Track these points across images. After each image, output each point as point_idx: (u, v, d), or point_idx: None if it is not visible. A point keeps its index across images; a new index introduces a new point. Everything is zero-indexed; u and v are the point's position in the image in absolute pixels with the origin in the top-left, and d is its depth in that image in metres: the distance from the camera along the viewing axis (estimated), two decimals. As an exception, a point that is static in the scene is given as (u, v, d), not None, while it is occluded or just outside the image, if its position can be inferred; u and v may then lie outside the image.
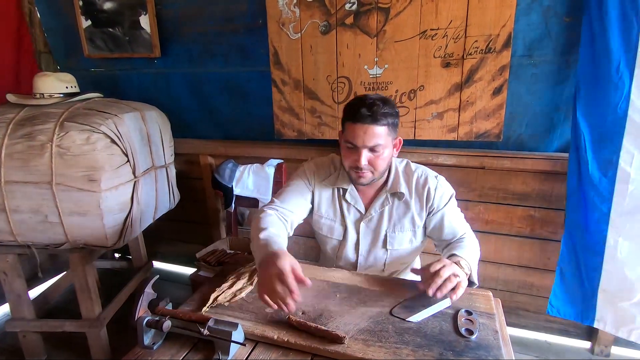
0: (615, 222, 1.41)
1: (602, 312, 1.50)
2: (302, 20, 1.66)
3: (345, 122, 1.09)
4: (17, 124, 1.49)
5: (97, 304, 1.69)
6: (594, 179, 1.42)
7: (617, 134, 1.36)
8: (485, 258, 1.85)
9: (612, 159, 1.38)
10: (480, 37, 1.47)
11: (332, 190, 1.23)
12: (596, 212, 1.44)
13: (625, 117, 1.34)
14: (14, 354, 1.80)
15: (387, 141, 1.08)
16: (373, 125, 1.03)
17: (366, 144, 1.05)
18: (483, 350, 0.79)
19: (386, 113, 1.04)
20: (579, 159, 1.46)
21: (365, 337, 0.83)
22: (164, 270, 2.54)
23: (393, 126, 1.08)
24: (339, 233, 1.25)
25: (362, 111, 1.03)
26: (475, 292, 1.01)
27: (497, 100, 1.53)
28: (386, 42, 1.58)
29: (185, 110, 2.13)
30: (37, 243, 1.56)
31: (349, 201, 1.21)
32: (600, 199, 1.42)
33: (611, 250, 1.43)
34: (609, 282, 1.46)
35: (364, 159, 1.06)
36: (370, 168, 1.09)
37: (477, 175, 1.75)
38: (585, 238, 1.49)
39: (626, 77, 1.31)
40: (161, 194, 1.87)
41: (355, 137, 1.05)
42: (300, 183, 1.23)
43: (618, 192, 1.39)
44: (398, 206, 1.19)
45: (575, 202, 1.51)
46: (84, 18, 2.05)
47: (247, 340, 0.84)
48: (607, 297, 1.47)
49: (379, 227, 1.20)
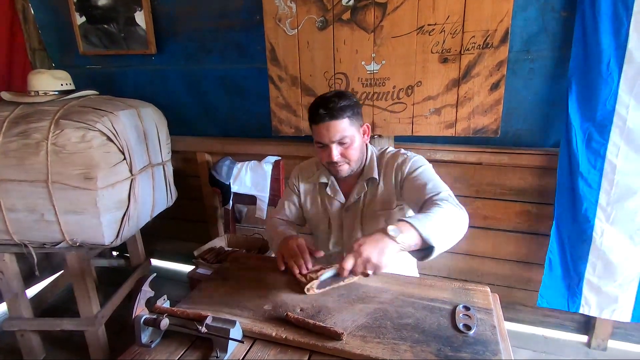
0: (603, 211, 1.50)
1: (587, 298, 1.59)
2: (299, 16, 1.64)
3: (311, 125, 1.15)
4: (11, 122, 1.48)
5: (95, 302, 1.68)
6: (583, 171, 1.49)
7: (606, 128, 1.44)
8: (483, 254, 1.86)
9: (600, 151, 1.46)
10: (478, 32, 1.47)
11: (314, 187, 1.31)
12: (585, 202, 1.52)
13: (613, 112, 1.42)
14: (12, 353, 1.80)
15: (352, 131, 1.12)
16: (333, 121, 1.08)
17: (332, 139, 1.10)
18: (481, 346, 0.79)
19: (343, 107, 1.08)
20: (569, 152, 1.52)
21: (364, 333, 0.83)
22: (162, 268, 2.53)
23: (355, 116, 1.12)
24: (324, 225, 1.30)
25: (320, 111, 1.08)
26: (473, 288, 1.01)
27: (495, 95, 1.52)
28: (383, 38, 1.57)
29: (181, 108, 2.12)
30: (33, 242, 1.55)
31: (330, 194, 1.27)
32: (589, 190, 1.50)
33: (598, 238, 1.51)
34: (595, 269, 1.55)
35: (335, 153, 1.12)
36: (345, 160, 1.14)
37: (475, 171, 1.75)
38: (574, 228, 1.57)
39: (615, 72, 1.38)
40: (158, 191, 1.86)
41: (321, 136, 1.11)
42: (289, 192, 1.35)
43: (605, 182, 1.47)
44: (372, 191, 1.23)
45: (564, 195, 1.57)
46: (79, 14, 2.04)
47: (245, 338, 0.83)
48: (592, 283, 1.56)
49: (355, 214, 1.25)
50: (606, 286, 1.54)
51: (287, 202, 1.34)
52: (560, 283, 1.63)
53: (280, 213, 1.34)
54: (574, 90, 1.47)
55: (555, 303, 1.66)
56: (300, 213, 1.35)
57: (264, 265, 1.15)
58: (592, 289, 1.57)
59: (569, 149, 1.52)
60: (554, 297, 1.65)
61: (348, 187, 1.26)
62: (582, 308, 1.60)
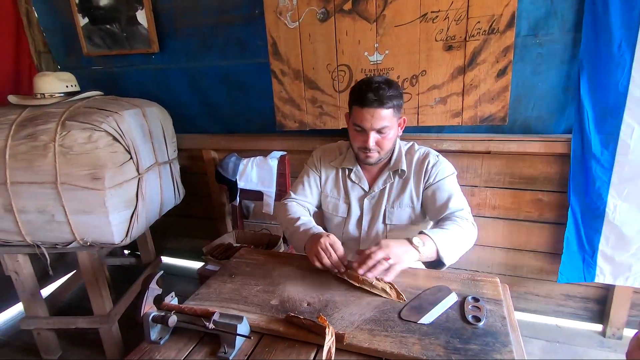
0: (615, 188, 1.51)
1: (602, 267, 1.62)
2: (300, 8, 1.62)
3: (353, 105, 1.14)
4: (19, 125, 1.50)
5: (108, 300, 1.71)
6: (596, 152, 1.49)
7: (619, 109, 1.42)
8: (493, 244, 1.83)
9: (613, 132, 1.46)
10: (483, 17, 1.43)
11: (338, 171, 1.31)
12: (597, 181, 1.52)
13: (626, 93, 1.40)
14: (29, 351, 1.85)
15: (393, 122, 1.13)
16: (380, 108, 1.08)
17: (374, 126, 1.10)
18: (491, 337, 0.78)
19: (392, 96, 1.08)
20: (582, 135, 1.52)
21: (371, 326, 0.82)
22: (173, 265, 2.56)
23: (398, 107, 1.13)
24: (343, 210, 1.30)
25: (369, 96, 1.07)
26: (483, 279, 1.00)
27: (502, 82, 1.49)
28: (386, 27, 1.55)
29: (185, 106, 2.13)
30: (45, 242, 1.58)
31: (354, 180, 1.27)
32: (602, 170, 1.51)
33: (610, 213, 1.53)
34: (607, 240, 1.57)
35: (372, 140, 1.12)
36: (377, 149, 1.15)
37: (483, 160, 1.72)
38: (587, 204, 1.58)
39: (627, 54, 1.36)
40: (166, 189, 1.88)
41: (364, 121, 1.10)
42: (310, 171, 1.33)
43: (618, 162, 1.47)
44: (399, 183, 1.24)
45: (578, 177, 1.57)
46: (81, 16, 2.04)
47: (253, 333, 0.84)
48: (607, 255, 1.59)
49: (379, 203, 1.25)
50: (620, 256, 1.57)
51: (307, 181, 1.32)
52: (576, 257, 1.65)
53: (298, 192, 1.32)
54: (586, 73, 1.46)
55: (573, 277, 1.67)
56: (319, 194, 1.34)
57: (271, 261, 1.15)
58: (606, 260, 1.60)
59: (582, 132, 1.51)
60: (571, 272, 1.67)
61: (372, 176, 1.27)
62: (597, 277, 1.62)
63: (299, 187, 1.33)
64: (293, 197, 1.32)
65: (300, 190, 1.32)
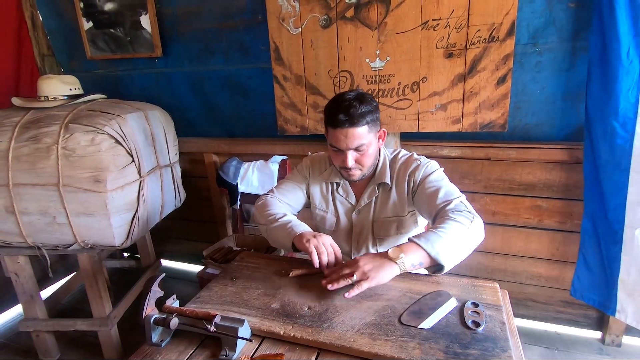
0: (631, 213, 1.40)
1: (623, 304, 1.50)
2: (302, 14, 1.64)
3: (327, 126, 1.11)
4: (23, 127, 1.51)
5: (108, 303, 1.71)
6: (608, 167, 1.41)
7: (630, 120, 1.34)
8: (492, 250, 1.84)
9: (625, 146, 1.36)
10: (483, 26, 1.45)
11: (326, 184, 1.29)
12: (612, 201, 1.43)
13: (637, 103, 1.33)
14: (27, 353, 1.84)
15: (370, 138, 1.09)
16: (352, 128, 1.05)
17: (349, 146, 1.08)
18: (490, 342, 0.79)
19: (364, 112, 1.05)
20: (592, 147, 1.45)
21: (372, 331, 0.83)
22: (172, 268, 2.56)
23: (373, 122, 1.09)
24: (331, 223, 1.29)
25: (340, 117, 1.04)
26: (482, 284, 1.00)
27: (502, 89, 1.51)
28: (387, 35, 1.57)
29: (188, 109, 2.14)
30: (46, 244, 1.58)
31: (341, 194, 1.26)
32: (615, 188, 1.41)
33: (628, 241, 1.42)
34: (628, 272, 1.45)
35: (350, 160, 1.10)
36: (358, 166, 1.13)
37: (483, 166, 1.73)
38: (605, 226, 1.49)
39: (637, 61, 1.31)
40: (167, 193, 1.88)
41: (338, 142, 1.08)
42: (299, 176, 1.31)
43: (632, 181, 1.37)
44: (384, 195, 1.22)
45: (592, 191, 1.50)
46: (85, 20, 2.06)
47: (254, 336, 0.84)
48: (627, 287, 1.47)
49: (367, 216, 1.23)
50: None
51: (294, 185, 1.29)
52: (595, 281, 1.56)
53: (282, 192, 1.27)
54: (593, 82, 1.40)
55: (590, 299, 1.61)
56: (304, 201, 1.31)
57: (272, 264, 1.15)
58: (627, 295, 1.47)
59: (592, 144, 1.44)
60: (589, 293, 1.60)
61: (359, 189, 1.25)
62: (618, 314, 1.52)
63: (283, 187, 1.29)
64: (275, 195, 1.26)
65: (284, 191, 1.28)
